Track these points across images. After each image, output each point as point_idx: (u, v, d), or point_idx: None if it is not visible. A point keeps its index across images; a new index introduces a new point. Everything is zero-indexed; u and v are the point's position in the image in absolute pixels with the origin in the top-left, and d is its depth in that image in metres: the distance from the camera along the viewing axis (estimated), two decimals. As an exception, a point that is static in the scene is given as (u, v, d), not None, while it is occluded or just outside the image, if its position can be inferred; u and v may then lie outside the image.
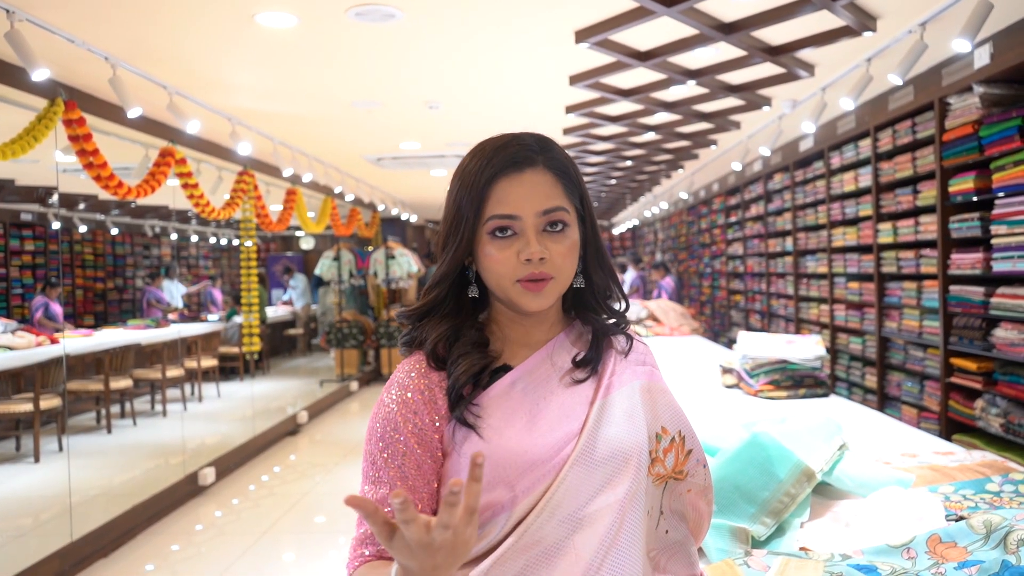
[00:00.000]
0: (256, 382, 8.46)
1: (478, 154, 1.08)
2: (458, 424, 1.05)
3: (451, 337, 1.09)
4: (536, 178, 1.06)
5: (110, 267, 6.77)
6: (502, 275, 1.05)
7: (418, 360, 1.10)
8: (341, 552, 3.96)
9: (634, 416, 1.10)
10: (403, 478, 1.04)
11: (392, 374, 1.12)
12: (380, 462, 1.05)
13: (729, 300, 9.00)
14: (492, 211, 1.05)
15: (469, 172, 1.07)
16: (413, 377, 1.08)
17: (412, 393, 1.06)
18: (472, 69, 4.31)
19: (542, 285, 1.05)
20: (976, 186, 3.75)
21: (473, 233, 1.06)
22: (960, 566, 1.32)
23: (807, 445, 1.85)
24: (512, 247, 1.05)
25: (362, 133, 6.10)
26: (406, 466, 1.04)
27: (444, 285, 1.10)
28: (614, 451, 1.06)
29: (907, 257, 4.58)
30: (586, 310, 1.18)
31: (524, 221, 1.05)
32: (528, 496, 1.01)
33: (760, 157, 7.16)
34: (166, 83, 4.06)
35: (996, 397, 3.68)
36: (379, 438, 1.07)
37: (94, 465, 5.37)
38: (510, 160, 1.05)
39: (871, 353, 5.15)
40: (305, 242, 11.90)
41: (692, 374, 3.85)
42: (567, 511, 1.01)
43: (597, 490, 1.03)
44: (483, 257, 1.07)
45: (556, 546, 1.00)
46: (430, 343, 1.09)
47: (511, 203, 1.04)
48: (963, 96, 3.81)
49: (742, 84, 4.68)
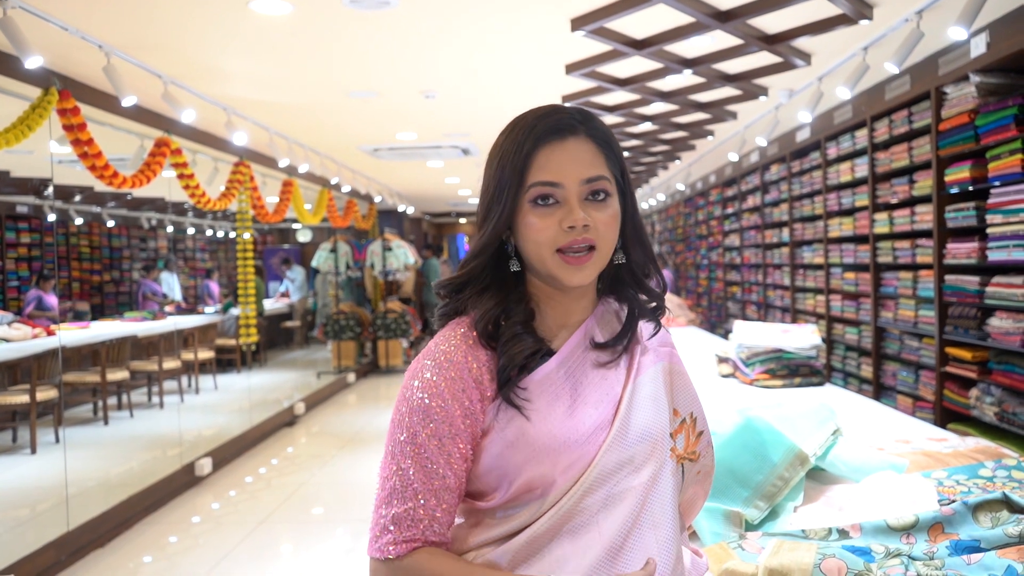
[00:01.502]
0: (253, 374, 8.45)
1: (519, 123, 1.07)
2: (503, 404, 1.03)
3: (501, 314, 1.07)
4: (579, 146, 1.05)
5: (106, 259, 6.75)
6: (542, 243, 1.03)
7: (464, 335, 1.07)
8: (338, 542, 3.96)
9: (658, 400, 1.11)
10: (447, 457, 1.01)
11: (433, 345, 1.07)
12: (423, 439, 1.01)
13: (726, 291, 9.01)
14: (535, 178, 1.03)
15: (511, 140, 1.06)
16: (462, 354, 1.05)
17: (460, 371, 1.03)
18: (468, 58, 4.30)
19: (584, 260, 1.04)
20: (972, 175, 3.75)
21: (515, 202, 1.04)
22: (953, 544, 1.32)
23: (801, 430, 1.85)
24: (554, 215, 1.03)
25: (358, 123, 6.09)
26: (449, 447, 1.01)
27: (484, 257, 1.08)
28: (642, 435, 1.07)
29: (903, 247, 4.58)
30: (623, 287, 1.16)
31: (567, 189, 1.03)
32: (565, 478, 1.02)
33: (757, 148, 7.16)
34: (161, 72, 4.05)
35: (991, 386, 3.69)
36: (423, 413, 1.02)
37: (91, 456, 5.37)
38: (553, 128, 1.04)
39: (867, 343, 5.16)
40: (302, 234, 11.88)
41: (688, 364, 3.83)
42: (598, 492, 1.02)
43: (626, 472, 1.04)
44: (524, 227, 1.05)
45: (583, 524, 1.01)
46: (480, 319, 1.07)
47: (554, 170, 1.03)
48: (960, 85, 3.81)
49: (738, 73, 4.67)
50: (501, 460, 1.02)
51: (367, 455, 5.73)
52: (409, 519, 1.00)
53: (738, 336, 3.46)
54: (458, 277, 1.11)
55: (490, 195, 1.07)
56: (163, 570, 3.68)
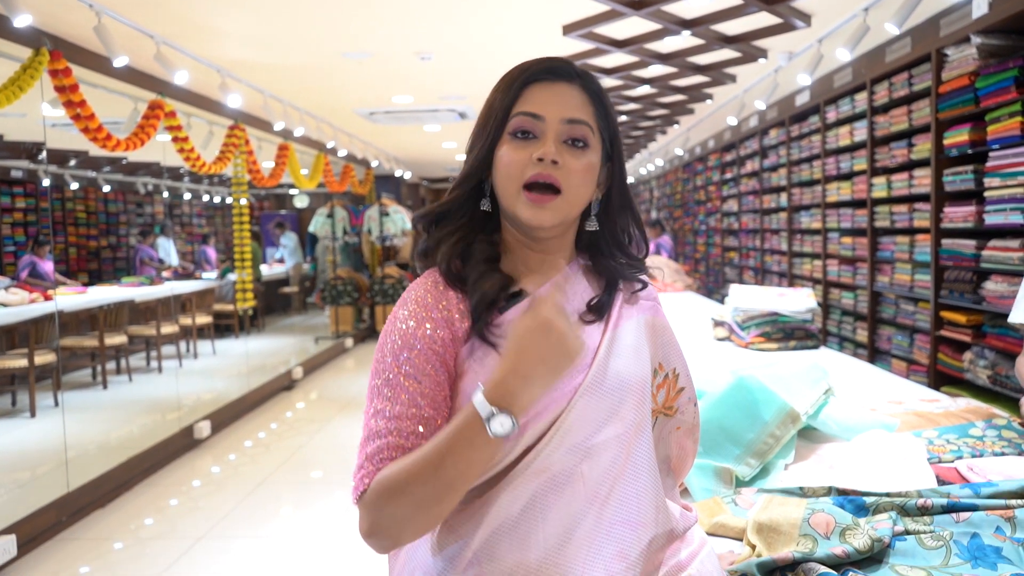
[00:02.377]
0: (251, 339, 8.48)
1: (518, 66, 1.09)
2: (476, 344, 1.02)
3: (463, 252, 1.07)
4: (569, 91, 1.07)
5: (103, 225, 6.72)
6: (511, 177, 1.04)
7: (432, 279, 1.07)
8: (336, 503, 4.01)
9: (640, 350, 1.10)
10: (422, 394, 0.99)
11: (406, 293, 1.08)
12: (396, 379, 1.00)
13: (723, 257, 9.01)
14: (518, 108, 1.05)
15: (506, 78, 1.08)
16: (429, 296, 1.05)
17: (430, 311, 1.03)
18: (464, 18, 4.25)
19: (547, 199, 1.03)
20: (971, 138, 3.72)
21: (498, 133, 1.06)
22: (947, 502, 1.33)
23: (793, 389, 1.86)
24: (528, 149, 1.04)
25: (354, 86, 6.03)
26: (424, 384, 1.00)
27: (465, 187, 1.09)
28: (621, 383, 1.05)
29: (900, 211, 4.57)
30: (601, 256, 1.15)
31: (546, 123, 1.04)
32: (538, 422, 1.00)
33: (756, 112, 7.11)
34: (153, 32, 4.00)
35: (984, 349, 3.71)
36: (394, 356, 1.01)
37: (90, 420, 5.41)
38: (548, 69, 1.07)
39: (863, 308, 5.17)
40: (299, 200, 11.82)
41: (685, 328, 3.86)
42: (575, 440, 1.01)
43: (604, 421, 1.03)
44: (498, 160, 1.06)
45: (564, 474, 1.00)
46: (443, 260, 1.07)
47: (538, 103, 1.05)
48: (960, 47, 3.77)
49: (738, 35, 4.62)
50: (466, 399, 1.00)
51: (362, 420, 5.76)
52: (382, 452, 0.97)
53: (734, 300, 3.46)
54: (436, 207, 1.11)
55: (479, 126, 1.09)
56: (164, 532, 3.73)
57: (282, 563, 3.32)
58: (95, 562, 3.39)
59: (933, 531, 1.26)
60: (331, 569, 3.25)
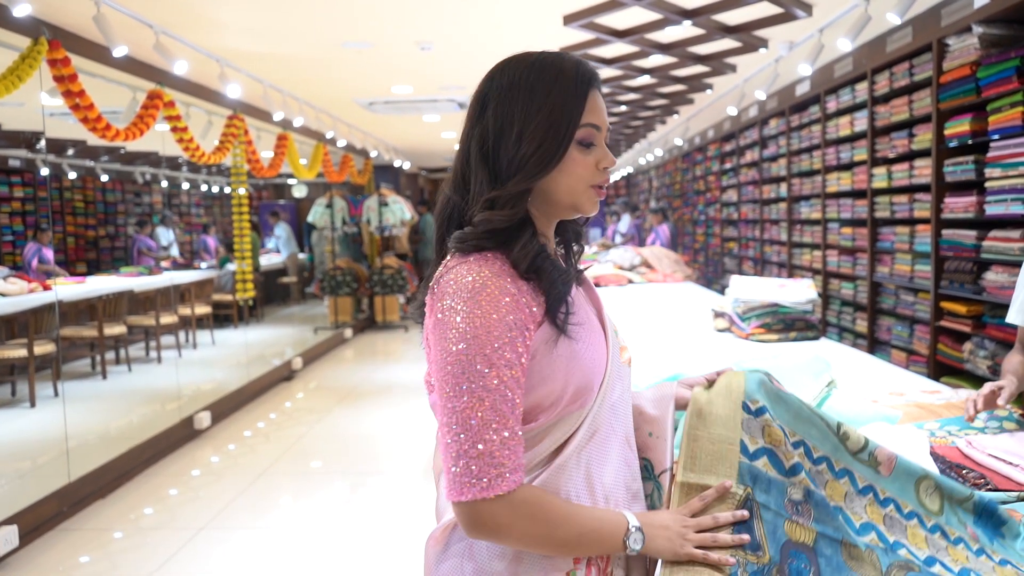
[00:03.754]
0: (250, 329, 8.48)
1: (567, 65, 1.12)
2: (550, 327, 1.09)
3: (541, 251, 1.11)
4: (601, 97, 1.17)
5: (101, 214, 6.71)
6: (583, 180, 1.14)
7: (501, 268, 1.08)
8: (336, 493, 4.02)
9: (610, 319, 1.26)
10: (516, 383, 1.04)
11: (470, 279, 1.05)
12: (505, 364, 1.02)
13: (723, 247, 9.01)
14: (586, 120, 1.13)
15: (567, 79, 1.11)
16: (509, 285, 1.06)
17: (510, 299, 1.05)
18: (465, 8, 4.23)
19: (603, 193, 1.17)
20: (972, 128, 3.72)
21: (570, 141, 1.11)
22: None
23: (796, 381, 1.87)
24: (593, 155, 1.14)
25: (353, 76, 6.01)
26: (516, 372, 1.04)
27: (527, 196, 1.12)
28: (617, 348, 1.20)
29: (901, 202, 4.57)
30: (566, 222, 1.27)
31: (602, 133, 1.16)
32: (595, 388, 1.12)
33: (756, 102, 7.09)
34: (152, 21, 3.98)
35: (984, 340, 3.71)
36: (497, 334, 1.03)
37: (90, 409, 5.41)
38: (593, 75, 1.16)
39: (862, 298, 5.17)
40: (297, 190, 11.80)
41: (685, 319, 3.86)
42: (610, 400, 1.15)
43: (618, 381, 1.18)
44: (569, 164, 1.12)
45: (606, 432, 1.14)
46: (526, 256, 1.08)
47: (596, 114, 1.14)
48: (962, 37, 3.76)
49: (738, 25, 4.60)
50: (552, 381, 1.08)
51: (365, 409, 5.78)
52: (507, 449, 1.00)
53: (734, 291, 3.46)
54: (507, 218, 1.10)
55: (544, 131, 1.09)
56: (165, 522, 3.74)
57: (283, 553, 3.33)
58: (96, 552, 3.40)
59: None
60: (332, 559, 3.26)
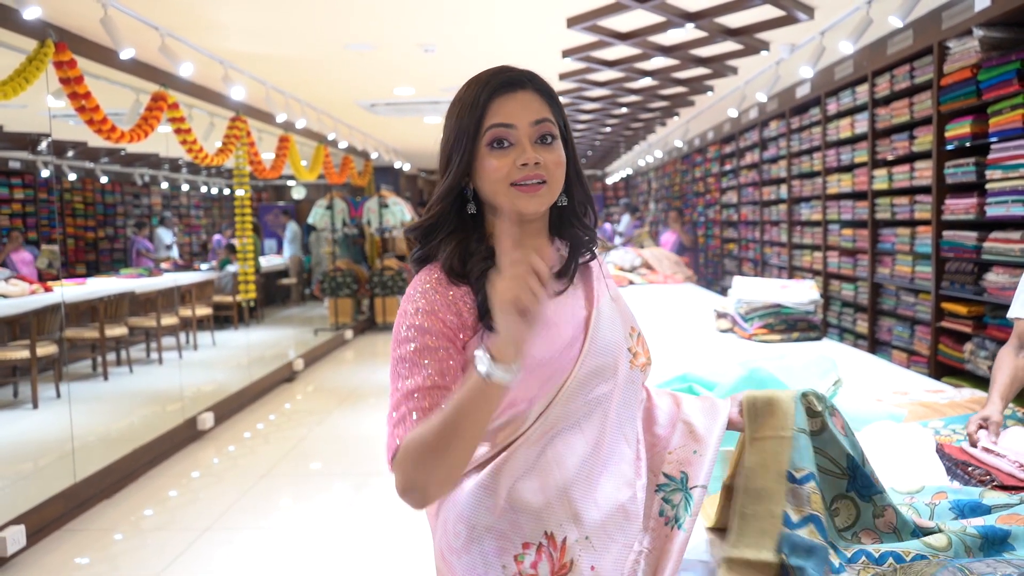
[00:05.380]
0: (251, 331, 8.48)
1: (474, 82, 1.21)
2: (486, 333, 1.14)
3: (463, 252, 1.19)
4: (528, 96, 1.20)
5: (100, 216, 6.71)
6: (499, 180, 1.17)
7: (434, 276, 1.19)
8: (338, 495, 4.03)
9: (615, 321, 1.28)
10: (437, 370, 1.12)
11: (411, 289, 1.19)
12: (413, 358, 1.13)
13: (723, 249, 9.03)
14: (491, 121, 1.17)
15: (468, 94, 1.20)
16: (435, 291, 1.17)
17: (437, 303, 1.15)
18: (468, 10, 4.25)
19: (537, 189, 1.17)
20: (972, 131, 3.75)
21: (474, 146, 1.18)
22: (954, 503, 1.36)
23: (803, 380, 1.89)
24: (509, 156, 1.17)
25: (355, 77, 6.03)
26: (439, 361, 1.13)
27: (447, 201, 1.21)
28: (608, 348, 1.24)
29: (901, 203, 4.60)
30: (565, 227, 1.30)
31: (519, 130, 1.17)
32: (546, 389, 1.17)
33: (756, 104, 7.12)
34: (158, 24, 3.99)
35: (985, 340, 3.74)
36: (411, 340, 1.14)
37: (92, 411, 5.42)
38: (506, 82, 1.19)
39: (863, 299, 5.20)
40: (296, 191, 11.81)
41: (686, 320, 3.88)
42: (579, 398, 1.19)
43: (599, 380, 1.21)
44: (482, 169, 1.18)
45: (571, 426, 1.19)
46: (446, 259, 1.19)
47: (507, 114, 1.17)
48: (963, 40, 3.78)
49: (740, 27, 4.63)
50: None
51: (366, 410, 5.79)
52: (405, 419, 1.10)
53: (737, 291, 3.48)
54: (425, 221, 1.24)
55: (450, 144, 1.21)
56: (169, 523, 3.75)
57: (287, 554, 3.35)
58: (101, 553, 3.41)
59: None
60: (335, 560, 3.28)
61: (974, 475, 1.60)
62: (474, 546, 1.14)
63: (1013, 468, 1.56)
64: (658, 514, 1.23)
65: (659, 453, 1.30)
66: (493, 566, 1.13)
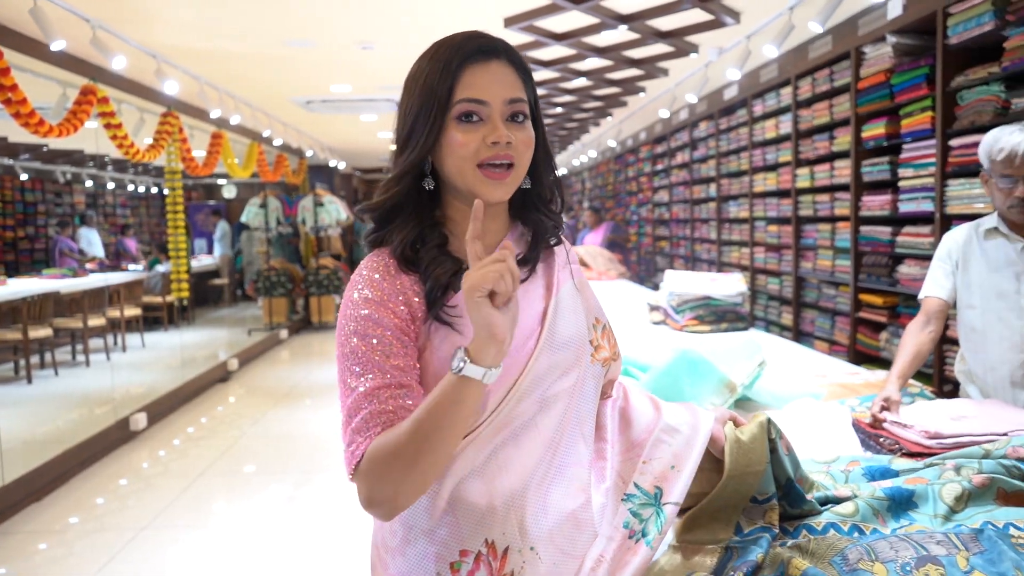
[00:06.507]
0: (182, 332, 8.31)
1: (445, 44, 1.09)
2: (434, 324, 1.08)
3: (416, 240, 1.11)
4: (502, 69, 1.10)
5: (20, 215, 6.49)
6: (466, 157, 1.07)
7: (383, 261, 1.11)
8: (276, 494, 4.02)
9: (577, 312, 1.19)
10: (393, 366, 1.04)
11: (356, 273, 1.11)
12: (366, 356, 1.04)
13: (655, 246, 9.25)
14: (462, 95, 1.07)
15: (436, 60, 1.08)
16: (384, 279, 1.09)
17: (387, 293, 1.07)
18: (409, 7, 4.29)
19: (504, 175, 1.08)
20: (887, 131, 3.97)
21: (442, 119, 1.07)
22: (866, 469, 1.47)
23: (730, 361, 2.01)
24: (478, 132, 1.07)
25: (292, 74, 5.99)
26: (393, 357, 1.04)
27: (408, 179, 1.11)
28: (567, 342, 1.15)
29: (823, 200, 4.82)
30: (529, 211, 1.20)
31: (492, 107, 1.07)
32: (499, 385, 1.08)
33: (686, 105, 7.33)
34: (89, 16, 3.91)
35: (899, 329, 3.97)
36: (360, 336, 1.05)
37: (18, 415, 5.26)
38: (479, 49, 1.08)
39: (788, 292, 5.43)
40: (227, 190, 11.58)
41: (621, 313, 4.00)
42: (534, 395, 1.11)
43: (556, 376, 1.13)
44: (447, 143, 1.08)
45: (524, 425, 1.10)
46: (398, 246, 1.11)
47: (481, 88, 1.07)
48: (877, 45, 4.00)
49: (671, 30, 4.79)
50: (439, 376, 1.03)
51: (302, 410, 5.76)
52: (367, 423, 1.01)
53: (669, 284, 3.62)
54: (386, 201, 1.13)
55: (413, 115, 1.09)
56: (103, 524, 3.68)
57: (225, 553, 3.33)
58: (34, 557, 3.33)
59: None
60: (273, 559, 3.28)
61: (884, 445, 1.74)
62: (410, 548, 1.08)
63: (919, 437, 1.70)
64: (622, 524, 1.14)
65: (631, 460, 1.21)
66: (428, 572, 1.06)
